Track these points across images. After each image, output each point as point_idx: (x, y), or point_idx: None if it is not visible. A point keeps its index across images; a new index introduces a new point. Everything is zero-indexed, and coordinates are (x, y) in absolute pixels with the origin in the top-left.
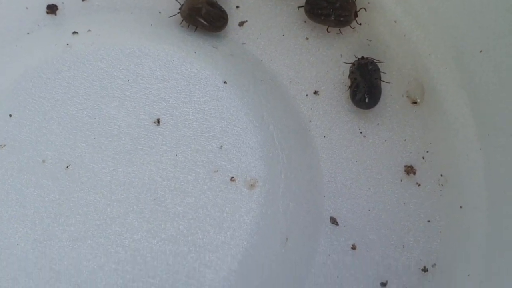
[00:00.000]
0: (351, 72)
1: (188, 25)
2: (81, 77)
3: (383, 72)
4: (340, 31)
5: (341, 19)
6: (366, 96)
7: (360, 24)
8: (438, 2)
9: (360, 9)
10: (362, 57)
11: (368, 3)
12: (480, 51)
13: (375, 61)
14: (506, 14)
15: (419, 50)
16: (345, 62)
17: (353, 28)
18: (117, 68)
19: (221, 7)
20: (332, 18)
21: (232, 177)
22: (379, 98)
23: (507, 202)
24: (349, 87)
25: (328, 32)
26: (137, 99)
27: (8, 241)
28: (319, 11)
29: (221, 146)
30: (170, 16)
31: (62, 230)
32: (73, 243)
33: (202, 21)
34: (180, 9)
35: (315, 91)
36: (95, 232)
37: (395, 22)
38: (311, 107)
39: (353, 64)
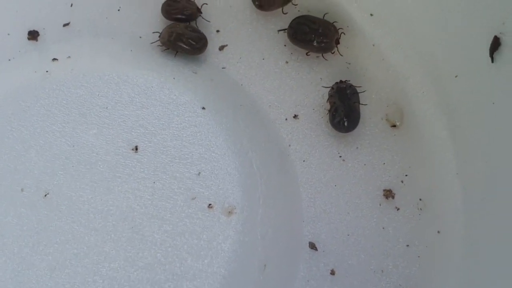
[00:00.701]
0: (330, 96)
1: (168, 50)
2: (60, 105)
3: (362, 92)
4: (322, 56)
5: (323, 45)
6: (344, 119)
7: (342, 55)
8: (416, 26)
9: (340, 35)
10: (341, 81)
11: (347, 26)
12: (456, 76)
13: (353, 85)
14: (481, 40)
15: (398, 74)
16: (323, 86)
17: (333, 52)
18: (96, 95)
19: (199, 30)
20: (314, 44)
21: (209, 204)
22: (357, 121)
23: (484, 226)
24: (329, 110)
25: (308, 55)
26: (116, 126)
27: None
28: (302, 36)
29: (199, 172)
30: (151, 43)
31: (40, 259)
32: (51, 272)
33: (182, 45)
34: (159, 36)
35: (295, 115)
36: (73, 261)
37: (373, 45)
38: (291, 131)
39: (332, 88)
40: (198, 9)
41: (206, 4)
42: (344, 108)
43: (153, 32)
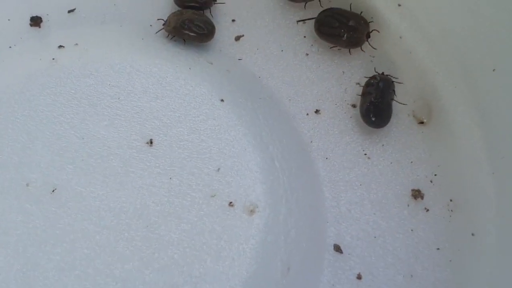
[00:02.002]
0: (370, 85)
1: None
2: (68, 94)
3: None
4: (349, 51)
5: (353, 40)
6: (379, 115)
7: (376, 49)
8: (446, 17)
9: (372, 31)
10: (383, 74)
11: (372, 17)
12: (494, 70)
13: (394, 80)
14: None
15: (426, 68)
16: (365, 77)
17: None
18: (107, 84)
19: (206, 17)
20: (344, 39)
21: (230, 202)
22: (389, 119)
23: None
24: (362, 101)
25: (332, 49)
26: (129, 117)
27: None
28: (330, 30)
29: (218, 168)
30: (156, 32)
31: (47, 259)
32: (59, 274)
33: (189, 32)
34: (164, 24)
35: (316, 110)
36: (83, 262)
37: (400, 37)
38: (312, 127)
39: (374, 77)
40: None
41: None
42: (381, 103)
43: (158, 19)
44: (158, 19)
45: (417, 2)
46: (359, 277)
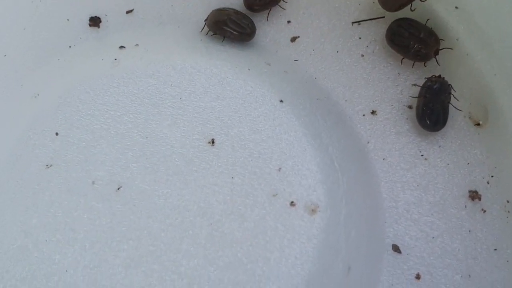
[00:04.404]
0: (427, 88)
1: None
2: (131, 94)
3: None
4: (412, 65)
5: (420, 55)
6: (436, 119)
7: (439, 65)
8: (504, 19)
9: (443, 48)
10: (438, 76)
11: (428, 19)
12: None
13: (449, 83)
14: None
15: (483, 70)
16: (412, 84)
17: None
18: (169, 85)
19: (248, 16)
20: (412, 51)
21: (292, 202)
22: (446, 123)
23: None
24: (418, 103)
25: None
26: (190, 117)
27: (56, 266)
28: (400, 40)
29: (280, 168)
30: (201, 31)
31: (113, 256)
32: (126, 270)
33: (230, 30)
34: (205, 20)
35: (373, 111)
36: (149, 259)
37: (457, 40)
38: (369, 128)
39: (428, 82)
40: None
41: None
42: (437, 107)
43: (204, 20)
44: (204, 20)
45: (475, 4)
46: (417, 277)
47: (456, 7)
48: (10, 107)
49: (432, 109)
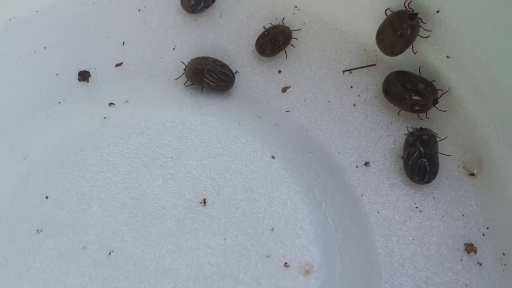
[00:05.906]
0: (408, 144)
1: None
2: (121, 154)
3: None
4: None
5: (417, 106)
6: (424, 172)
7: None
8: (497, 69)
9: (440, 96)
10: (421, 128)
11: (420, 67)
12: None
13: (435, 134)
14: None
15: (476, 120)
16: (405, 134)
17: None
18: (159, 143)
19: (227, 66)
20: (408, 103)
21: (285, 263)
22: (436, 173)
23: None
24: (404, 159)
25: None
26: (182, 177)
27: None
28: (395, 93)
29: (272, 228)
30: (176, 79)
31: None
32: None
33: (208, 81)
34: (184, 69)
35: (366, 162)
36: None
37: (449, 88)
38: (363, 180)
39: (411, 135)
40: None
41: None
42: (423, 161)
43: (181, 62)
44: (181, 62)
45: (468, 54)
46: None
47: (448, 57)
48: None
49: (419, 164)
